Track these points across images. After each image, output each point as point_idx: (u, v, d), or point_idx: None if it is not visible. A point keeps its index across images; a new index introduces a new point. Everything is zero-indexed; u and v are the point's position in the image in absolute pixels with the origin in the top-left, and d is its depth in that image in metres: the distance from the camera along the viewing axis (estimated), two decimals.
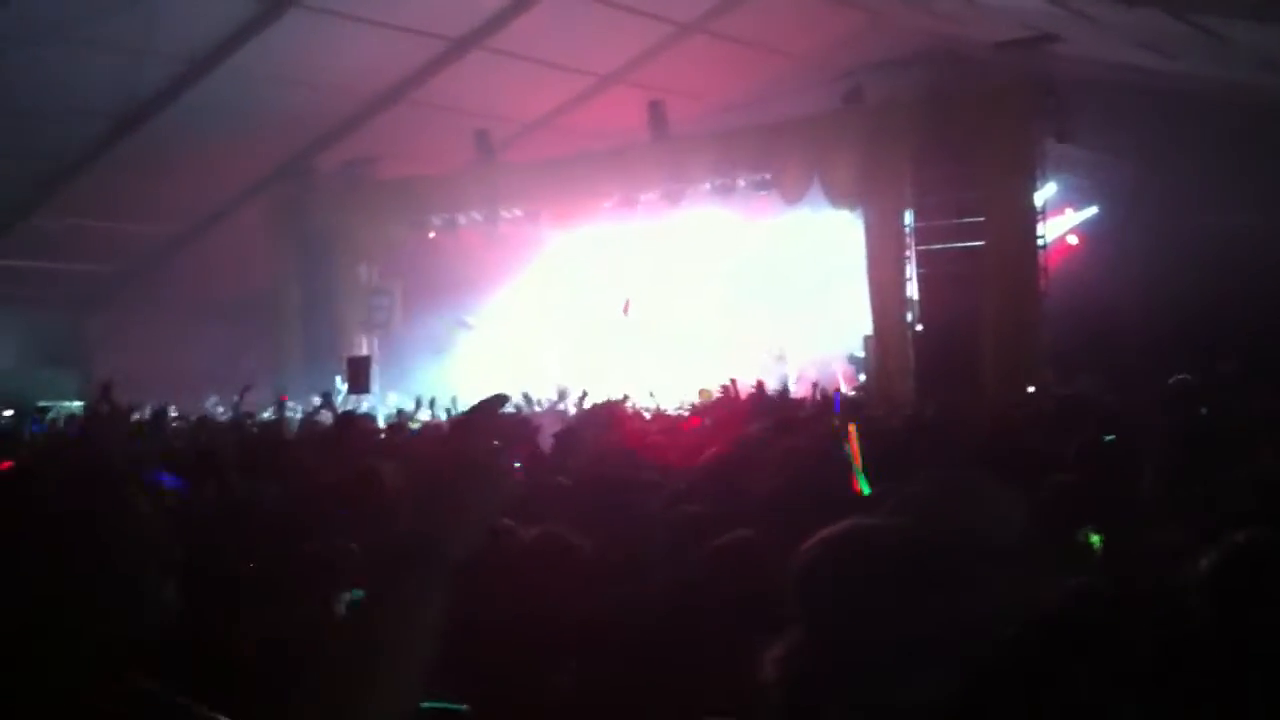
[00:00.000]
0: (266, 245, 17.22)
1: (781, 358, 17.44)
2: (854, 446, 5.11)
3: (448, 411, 12.02)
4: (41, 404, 11.04)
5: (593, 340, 18.69)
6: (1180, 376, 8.53)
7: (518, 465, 7.53)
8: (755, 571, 3.45)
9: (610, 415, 8.86)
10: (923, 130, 12.60)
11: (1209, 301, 12.59)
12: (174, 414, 11.89)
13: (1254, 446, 4.70)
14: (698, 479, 5.86)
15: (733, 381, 12.07)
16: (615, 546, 3.99)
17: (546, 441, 7.41)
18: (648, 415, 11.15)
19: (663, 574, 3.77)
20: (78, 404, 11.47)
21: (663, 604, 3.55)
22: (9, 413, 10.28)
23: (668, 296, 18.98)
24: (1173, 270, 13.18)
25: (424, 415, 12.29)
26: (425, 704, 3.04)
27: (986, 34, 13.63)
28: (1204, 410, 6.96)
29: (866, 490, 4.74)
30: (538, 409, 11.80)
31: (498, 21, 13.75)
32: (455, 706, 3.04)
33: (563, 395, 12.83)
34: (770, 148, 13.87)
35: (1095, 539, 3.43)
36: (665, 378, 15.19)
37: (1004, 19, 12.84)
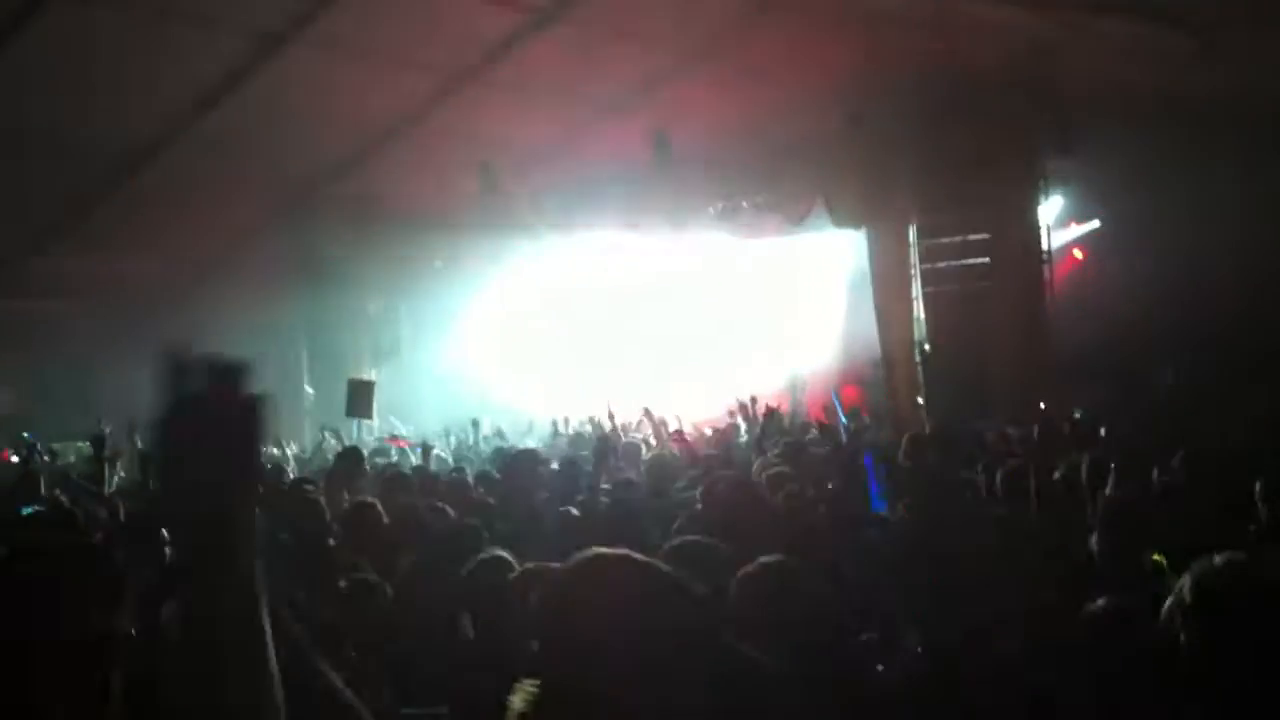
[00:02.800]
0: (273, 279, 17.25)
1: (795, 384, 17.34)
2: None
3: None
4: (51, 444, 11.01)
5: (598, 357, 18.61)
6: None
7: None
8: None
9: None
10: (924, 148, 12.59)
11: (1213, 309, 12.53)
12: None
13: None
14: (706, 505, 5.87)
15: (752, 400, 11.84)
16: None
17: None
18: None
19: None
20: (84, 444, 11.44)
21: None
22: (15, 459, 10.22)
23: (671, 313, 18.88)
24: (1177, 281, 13.12)
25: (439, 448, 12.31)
26: (406, 710, 3.03)
27: (986, 51, 13.63)
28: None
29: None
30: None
31: (500, 52, 13.78)
32: (435, 711, 3.03)
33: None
34: (773, 170, 13.87)
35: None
36: (672, 393, 15.14)
37: (1003, 36, 12.83)
